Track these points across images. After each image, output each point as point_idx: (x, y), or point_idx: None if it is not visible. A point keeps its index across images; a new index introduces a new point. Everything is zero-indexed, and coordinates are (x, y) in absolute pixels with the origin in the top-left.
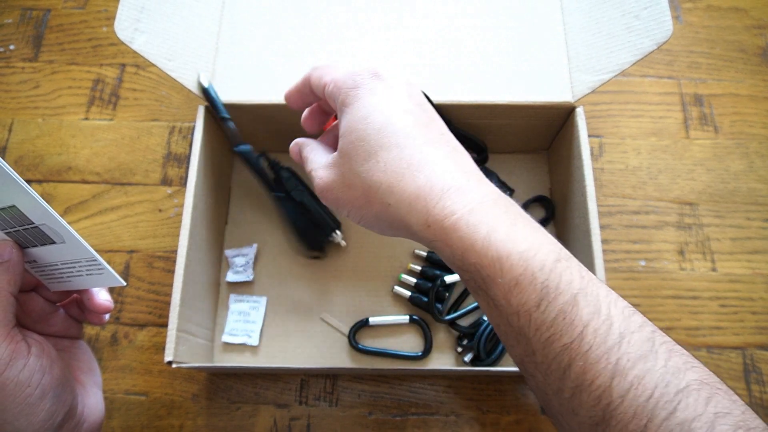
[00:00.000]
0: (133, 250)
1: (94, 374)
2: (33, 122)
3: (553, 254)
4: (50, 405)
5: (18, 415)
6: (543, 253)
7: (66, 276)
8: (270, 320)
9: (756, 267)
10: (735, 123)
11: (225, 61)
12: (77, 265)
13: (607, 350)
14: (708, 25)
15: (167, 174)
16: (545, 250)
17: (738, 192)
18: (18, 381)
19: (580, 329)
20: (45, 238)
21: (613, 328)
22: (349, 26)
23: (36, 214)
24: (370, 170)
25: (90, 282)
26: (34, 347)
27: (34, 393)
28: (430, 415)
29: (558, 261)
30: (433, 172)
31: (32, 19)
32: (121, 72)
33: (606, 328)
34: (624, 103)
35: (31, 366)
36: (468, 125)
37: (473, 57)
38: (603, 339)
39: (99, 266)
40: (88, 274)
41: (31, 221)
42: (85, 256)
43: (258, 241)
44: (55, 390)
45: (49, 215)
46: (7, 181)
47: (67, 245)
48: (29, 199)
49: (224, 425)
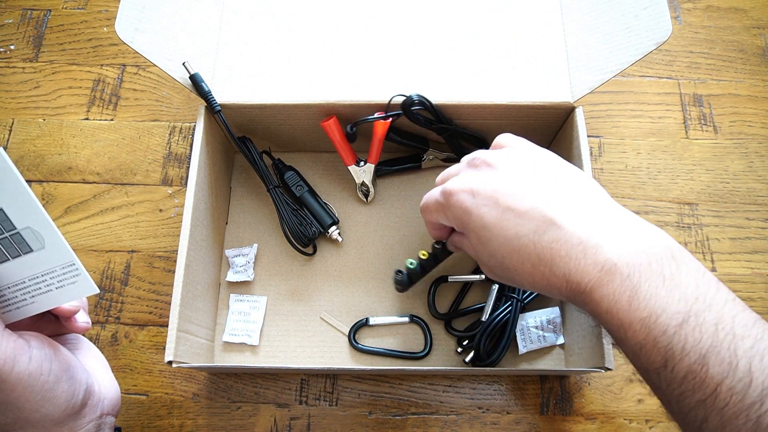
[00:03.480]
0: (133, 250)
1: (97, 356)
2: (33, 122)
3: (680, 316)
4: (68, 386)
5: (41, 402)
6: (666, 317)
7: (30, 296)
8: (270, 320)
9: (755, 267)
10: (734, 123)
11: (225, 61)
12: (48, 277)
13: (746, 407)
14: (707, 26)
15: (168, 174)
16: (670, 312)
17: (737, 192)
18: (30, 372)
19: (713, 387)
20: (21, 246)
21: (754, 385)
22: (350, 26)
23: (22, 215)
24: (507, 275)
25: (58, 297)
26: (33, 341)
27: (49, 379)
28: (430, 414)
29: (684, 322)
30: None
31: (33, 20)
32: (122, 72)
33: (743, 385)
34: (623, 103)
35: (37, 356)
36: (468, 125)
37: (473, 57)
38: (741, 396)
39: (75, 272)
40: (59, 287)
41: (13, 226)
42: (62, 262)
43: (258, 241)
44: (68, 372)
45: (37, 215)
46: (5, 178)
47: (45, 251)
48: (21, 199)
49: (224, 425)
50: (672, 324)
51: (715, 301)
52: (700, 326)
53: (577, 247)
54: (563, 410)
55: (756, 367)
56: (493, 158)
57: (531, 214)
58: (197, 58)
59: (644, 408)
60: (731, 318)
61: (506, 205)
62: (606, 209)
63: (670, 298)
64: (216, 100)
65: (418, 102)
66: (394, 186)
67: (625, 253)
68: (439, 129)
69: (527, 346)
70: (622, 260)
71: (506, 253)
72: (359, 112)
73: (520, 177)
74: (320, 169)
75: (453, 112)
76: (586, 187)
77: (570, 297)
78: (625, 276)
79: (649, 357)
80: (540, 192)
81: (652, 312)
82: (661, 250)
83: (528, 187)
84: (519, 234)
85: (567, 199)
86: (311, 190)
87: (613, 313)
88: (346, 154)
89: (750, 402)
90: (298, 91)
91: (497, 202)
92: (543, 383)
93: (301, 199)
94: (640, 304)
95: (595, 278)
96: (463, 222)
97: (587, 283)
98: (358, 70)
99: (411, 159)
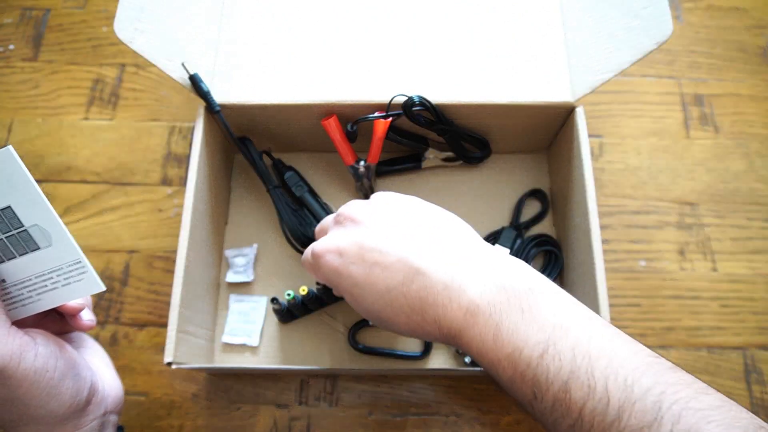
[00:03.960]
0: (133, 250)
1: (101, 355)
2: (33, 122)
3: (540, 346)
4: (73, 383)
5: (47, 399)
6: (528, 349)
7: (36, 294)
8: (270, 320)
9: (757, 267)
10: (735, 123)
11: (225, 61)
12: (55, 275)
13: (608, 425)
14: (708, 25)
15: (167, 174)
16: (531, 344)
17: (738, 192)
18: (36, 369)
19: (577, 412)
20: (29, 244)
21: (611, 403)
22: (350, 26)
23: (31, 213)
24: (389, 327)
25: (64, 295)
26: (38, 338)
27: (54, 376)
28: (430, 415)
29: (545, 353)
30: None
31: (32, 19)
32: (121, 72)
33: (603, 405)
34: (624, 102)
35: (43, 353)
36: (468, 125)
37: (473, 57)
38: (602, 417)
39: (82, 269)
40: (65, 284)
41: (21, 224)
42: (69, 259)
43: (258, 241)
44: (73, 369)
45: (45, 213)
46: (14, 175)
47: (53, 248)
48: (29, 196)
49: (224, 425)
50: (534, 356)
51: (573, 324)
52: (559, 354)
53: (443, 293)
54: None
55: (612, 386)
56: (357, 213)
57: (397, 266)
58: (197, 58)
59: None
60: (587, 340)
61: (373, 261)
62: (471, 249)
63: (530, 330)
64: (215, 100)
65: (419, 103)
66: (394, 186)
67: (486, 292)
68: (440, 130)
69: None
70: (484, 300)
71: (380, 307)
72: (359, 112)
73: (383, 230)
74: (320, 169)
75: (453, 112)
76: (451, 229)
77: (446, 341)
78: (487, 315)
79: (520, 390)
80: (404, 242)
81: (515, 347)
82: (520, 284)
83: (392, 238)
84: (389, 287)
85: (431, 244)
86: (311, 190)
87: (483, 353)
88: (346, 153)
89: (610, 420)
90: (298, 91)
91: (363, 258)
92: None
93: (301, 199)
94: (504, 341)
95: (462, 321)
96: (334, 282)
97: (456, 327)
98: (358, 70)
99: (411, 159)
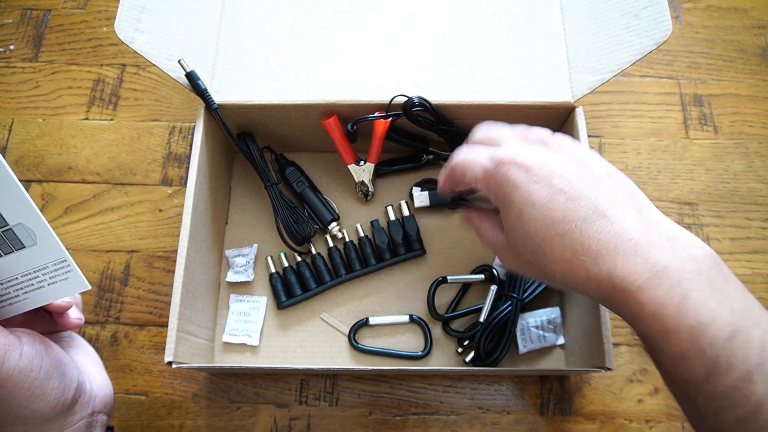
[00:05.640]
0: (133, 250)
1: (91, 355)
2: (33, 122)
3: (728, 329)
4: (58, 383)
5: (31, 399)
6: (715, 328)
7: (23, 292)
8: (270, 320)
9: (756, 267)
10: (735, 123)
11: (225, 61)
12: (41, 273)
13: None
14: (708, 25)
15: (167, 174)
16: (719, 324)
17: (738, 192)
18: (20, 369)
19: (755, 405)
20: (14, 243)
21: None
22: (350, 26)
23: (15, 211)
24: (539, 262)
25: (51, 294)
26: (24, 337)
27: (39, 376)
28: (430, 415)
29: (733, 336)
30: (600, 253)
31: (32, 19)
32: (122, 72)
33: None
34: (624, 103)
35: (28, 353)
36: (468, 125)
37: (473, 57)
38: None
39: (67, 268)
40: (51, 283)
41: (5, 223)
42: (54, 258)
43: (258, 241)
44: (58, 369)
45: (29, 212)
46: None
47: (38, 247)
48: (13, 195)
49: (224, 425)
50: (720, 336)
51: (761, 318)
52: (748, 342)
53: (627, 243)
54: (563, 410)
55: None
56: (549, 138)
57: (583, 202)
58: (197, 58)
59: (644, 408)
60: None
61: (559, 187)
62: (653, 214)
63: (721, 309)
64: (213, 97)
65: (419, 104)
66: (394, 186)
67: (677, 258)
68: (440, 131)
69: (527, 346)
70: (674, 265)
71: (547, 236)
72: (359, 112)
73: (575, 163)
74: (320, 169)
75: (453, 112)
76: (635, 191)
77: (606, 294)
78: (676, 281)
79: (690, 367)
80: (593, 182)
81: (700, 322)
82: (709, 261)
83: (582, 174)
84: (567, 218)
85: (618, 196)
86: (312, 186)
87: (659, 318)
88: (346, 153)
89: None
90: (298, 91)
91: (551, 182)
92: (543, 383)
93: (302, 194)
94: (689, 312)
95: (644, 278)
96: (506, 194)
97: (633, 282)
98: (358, 70)
99: (411, 159)
